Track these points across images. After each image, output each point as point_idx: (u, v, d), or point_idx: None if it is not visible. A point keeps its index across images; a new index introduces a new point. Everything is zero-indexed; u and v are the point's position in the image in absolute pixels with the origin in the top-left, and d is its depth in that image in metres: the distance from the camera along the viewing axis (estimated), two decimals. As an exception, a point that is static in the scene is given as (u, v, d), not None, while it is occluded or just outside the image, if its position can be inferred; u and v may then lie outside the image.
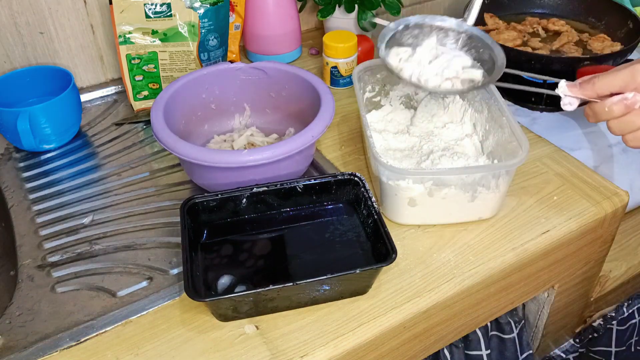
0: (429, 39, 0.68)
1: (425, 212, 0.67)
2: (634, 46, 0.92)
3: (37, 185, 0.76)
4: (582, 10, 1.09)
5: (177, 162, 0.79)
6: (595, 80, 0.57)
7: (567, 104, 0.61)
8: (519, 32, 1.04)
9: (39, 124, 0.78)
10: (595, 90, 0.57)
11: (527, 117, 0.91)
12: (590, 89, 0.57)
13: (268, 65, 0.78)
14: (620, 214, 0.74)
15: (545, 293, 0.80)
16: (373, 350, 0.59)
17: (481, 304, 0.67)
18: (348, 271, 0.55)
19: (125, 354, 0.55)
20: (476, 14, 0.76)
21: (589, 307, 0.90)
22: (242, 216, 0.66)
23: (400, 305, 0.59)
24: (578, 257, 0.75)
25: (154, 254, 0.66)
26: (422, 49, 0.67)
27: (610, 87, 0.56)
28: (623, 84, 0.54)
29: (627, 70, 0.54)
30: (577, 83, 0.59)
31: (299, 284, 0.54)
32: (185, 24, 0.84)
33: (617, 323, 0.93)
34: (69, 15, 0.87)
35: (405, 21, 0.69)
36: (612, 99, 0.56)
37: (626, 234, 0.93)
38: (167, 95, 0.72)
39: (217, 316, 0.57)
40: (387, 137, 0.76)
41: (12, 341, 0.56)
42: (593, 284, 0.86)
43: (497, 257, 0.65)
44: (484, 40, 0.68)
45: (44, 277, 0.63)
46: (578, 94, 0.59)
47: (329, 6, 0.98)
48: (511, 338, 0.79)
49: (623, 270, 0.89)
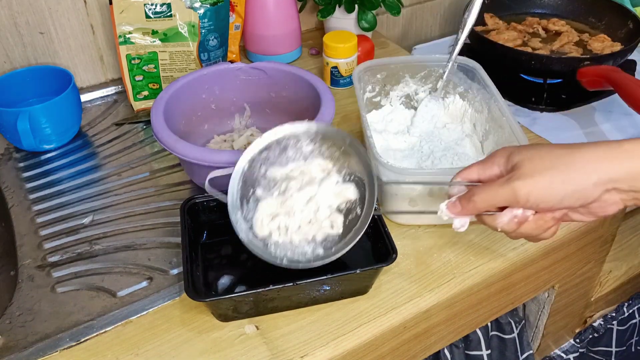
0: (282, 168, 0.58)
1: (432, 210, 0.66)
2: (634, 46, 0.92)
3: (37, 185, 0.76)
4: (583, 11, 1.09)
5: (177, 162, 0.79)
6: (474, 198, 0.51)
7: (460, 226, 0.54)
8: (519, 32, 1.04)
9: (39, 124, 0.78)
10: (477, 209, 0.52)
11: (528, 117, 0.91)
12: (472, 208, 0.52)
13: (268, 65, 0.78)
14: (620, 214, 0.74)
15: (545, 293, 0.80)
16: (373, 351, 0.59)
17: (481, 304, 0.67)
18: (348, 271, 0.55)
19: (125, 354, 0.55)
20: (476, 14, 0.76)
21: (589, 307, 0.90)
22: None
23: (400, 306, 0.59)
24: (578, 257, 0.75)
25: (154, 254, 0.65)
26: (280, 198, 0.57)
27: (493, 205, 0.51)
28: (505, 203, 0.50)
29: (509, 189, 0.49)
30: (457, 202, 0.53)
31: (299, 284, 0.54)
32: (185, 24, 0.84)
33: (617, 323, 0.93)
34: (69, 15, 0.87)
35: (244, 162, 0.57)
36: (502, 219, 0.51)
37: (626, 234, 0.93)
38: (167, 95, 0.72)
39: (217, 316, 0.57)
40: (387, 137, 0.76)
41: (12, 341, 0.56)
42: (593, 284, 0.86)
43: (498, 257, 0.65)
44: (339, 137, 0.58)
45: (44, 277, 0.63)
46: (460, 214, 0.53)
47: (329, 6, 0.98)
48: (511, 338, 0.79)
49: (623, 270, 0.89)
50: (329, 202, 0.56)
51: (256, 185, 0.58)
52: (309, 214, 0.56)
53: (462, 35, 0.77)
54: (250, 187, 0.58)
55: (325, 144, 0.58)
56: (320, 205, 0.56)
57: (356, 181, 0.57)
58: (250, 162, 0.57)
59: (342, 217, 0.57)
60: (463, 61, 0.78)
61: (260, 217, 0.56)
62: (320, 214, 0.56)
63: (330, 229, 0.57)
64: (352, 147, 0.57)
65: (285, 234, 0.56)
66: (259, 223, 0.56)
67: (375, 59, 0.80)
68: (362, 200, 0.57)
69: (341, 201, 0.57)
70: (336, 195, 0.57)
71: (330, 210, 0.57)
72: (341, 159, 0.58)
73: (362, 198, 0.57)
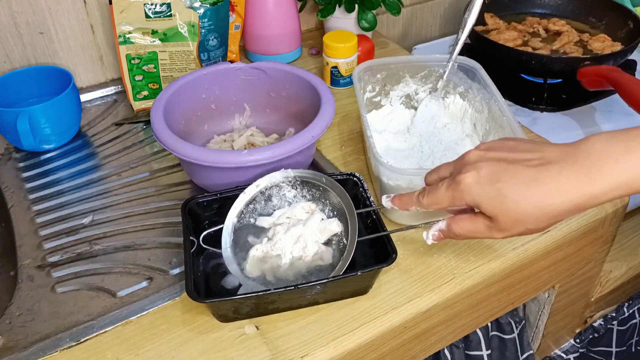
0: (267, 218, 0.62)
1: (425, 212, 0.66)
2: (634, 46, 0.92)
3: (37, 185, 0.76)
4: (583, 11, 1.09)
5: (177, 162, 0.79)
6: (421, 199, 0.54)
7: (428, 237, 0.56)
8: (520, 32, 1.04)
9: (38, 124, 0.78)
10: (422, 205, 0.54)
11: (528, 117, 0.91)
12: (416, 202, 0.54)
13: (268, 65, 0.78)
14: (620, 214, 0.74)
15: (545, 293, 0.80)
16: (373, 351, 0.59)
17: (482, 304, 0.67)
18: (349, 273, 0.55)
19: (125, 354, 0.55)
20: (477, 14, 0.76)
21: (589, 307, 0.90)
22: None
23: (400, 306, 0.59)
24: (578, 257, 0.75)
25: (154, 254, 0.65)
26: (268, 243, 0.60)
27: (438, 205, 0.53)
28: (448, 204, 0.51)
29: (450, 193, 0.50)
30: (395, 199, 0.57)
31: (301, 287, 0.54)
32: (185, 24, 0.84)
33: (617, 323, 0.93)
34: (69, 15, 0.87)
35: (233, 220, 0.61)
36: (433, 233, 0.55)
37: (626, 234, 0.93)
38: (167, 95, 0.72)
39: (218, 317, 0.57)
40: (387, 137, 0.76)
41: (12, 341, 0.56)
42: (593, 284, 0.86)
43: (498, 257, 0.65)
44: (316, 177, 0.62)
45: (44, 277, 0.63)
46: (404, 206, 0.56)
47: (329, 6, 0.98)
48: (512, 338, 0.79)
49: (623, 270, 0.89)
50: (315, 239, 0.59)
51: (247, 236, 0.61)
52: (299, 252, 0.58)
53: (463, 35, 0.77)
54: (241, 239, 0.61)
55: (306, 187, 0.63)
56: (307, 242, 0.59)
57: (338, 215, 0.61)
58: (239, 216, 0.62)
59: (330, 249, 0.59)
60: (463, 61, 0.78)
61: (252, 262, 0.59)
62: (308, 250, 0.58)
63: (320, 261, 0.59)
64: (329, 184, 0.61)
65: (278, 272, 0.58)
66: (251, 268, 0.59)
67: (375, 59, 0.80)
68: (346, 232, 0.59)
69: (327, 236, 0.59)
70: (322, 231, 0.59)
71: (318, 245, 0.59)
72: (322, 197, 0.62)
73: (347, 229, 0.59)
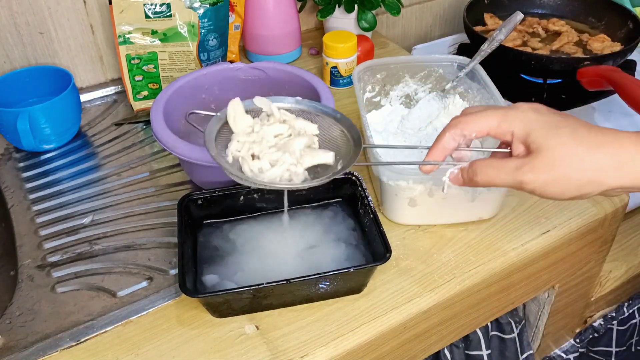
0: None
1: (425, 212, 0.66)
2: (634, 46, 0.92)
3: (37, 186, 0.76)
4: (582, 11, 1.09)
5: (177, 162, 0.79)
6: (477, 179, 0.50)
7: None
8: (519, 32, 1.04)
9: (38, 124, 0.78)
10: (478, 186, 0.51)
11: (527, 117, 0.90)
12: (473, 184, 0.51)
13: (268, 65, 0.78)
14: (620, 214, 0.74)
15: (545, 293, 0.80)
16: (373, 351, 0.59)
17: (481, 304, 0.67)
18: (342, 269, 0.55)
19: (125, 354, 0.55)
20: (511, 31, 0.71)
21: (589, 307, 0.90)
22: (240, 213, 0.66)
23: (400, 306, 0.59)
24: (578, 257, 0.75)
25: (154, 254, 0.65)
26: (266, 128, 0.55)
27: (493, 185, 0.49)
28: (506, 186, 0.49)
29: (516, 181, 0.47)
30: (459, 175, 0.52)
31: (293, 282, 0.54)
32: (185, 24, 0.84)
33: (617, 323, 0.93)
34: (69, 15, 0.87)
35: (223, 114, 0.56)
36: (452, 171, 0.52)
37: (626, 234, 0.93)
38: (166, 95, 0.72)
39: (212, 312, 0.57)
40: (387, 137, 0.76)
41: (12, 341, 0.56)
42: (593, 284, 0.86)
43: (498, 257, 0.65)
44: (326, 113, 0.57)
45: (44, 277, 0.63)
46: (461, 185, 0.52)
47: (329, 6, 0.98)
48: (512, 338, 0.79)
49: (623, 270, 0.89)
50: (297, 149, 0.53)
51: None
52: (282, 146, 0.53)
53: (487, 49, 0.76)
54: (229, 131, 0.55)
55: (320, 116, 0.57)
56: (295, 142, 0.53)
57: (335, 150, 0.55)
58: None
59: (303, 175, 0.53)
60: (463, 61, 0.78)
61: (234, 144, 0.53)
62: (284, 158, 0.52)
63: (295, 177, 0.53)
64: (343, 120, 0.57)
65: (259, 159, 0.52)
66: (232, 148, 0.53)
67: (375, 59, 0.80)
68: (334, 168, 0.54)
69: (315, 162, 0.53)
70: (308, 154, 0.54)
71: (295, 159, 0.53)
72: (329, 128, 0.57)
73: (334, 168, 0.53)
